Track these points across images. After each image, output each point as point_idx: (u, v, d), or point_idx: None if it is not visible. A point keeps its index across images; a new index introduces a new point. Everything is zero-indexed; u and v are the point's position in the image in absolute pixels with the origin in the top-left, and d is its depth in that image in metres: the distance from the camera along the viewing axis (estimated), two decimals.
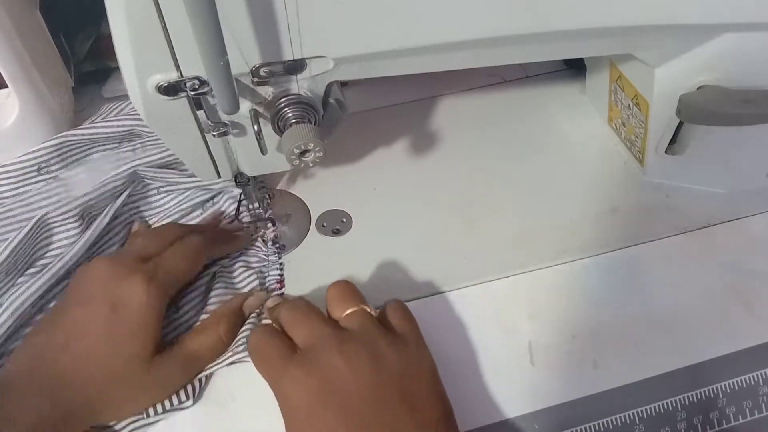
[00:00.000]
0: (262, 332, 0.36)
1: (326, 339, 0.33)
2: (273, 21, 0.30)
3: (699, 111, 0.39)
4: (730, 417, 0.38)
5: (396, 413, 0.31)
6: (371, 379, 0.31)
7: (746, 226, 0.45)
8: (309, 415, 0.31)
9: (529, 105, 0.55)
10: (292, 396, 0.32)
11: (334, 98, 0.37)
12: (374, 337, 0.33)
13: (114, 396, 0.35)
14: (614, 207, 0.47)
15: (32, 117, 0.45)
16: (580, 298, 0.42)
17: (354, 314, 0.35)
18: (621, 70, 0.46)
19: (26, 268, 0.42)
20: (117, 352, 0.34)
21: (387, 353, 0.33)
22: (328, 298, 0.37)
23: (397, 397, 0.31)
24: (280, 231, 0.46)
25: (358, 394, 0.31)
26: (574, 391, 0.38)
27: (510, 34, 0.35)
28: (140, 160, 0.45)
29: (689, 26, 0.36)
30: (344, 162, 0.51)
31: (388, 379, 0.32)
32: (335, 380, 0.31)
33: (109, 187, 0.44)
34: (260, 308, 0.41)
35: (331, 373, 0.31)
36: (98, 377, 0.34)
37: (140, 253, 0.38)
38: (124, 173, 0.44)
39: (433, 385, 0.33)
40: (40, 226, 0.42)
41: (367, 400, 0.31)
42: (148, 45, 0.30)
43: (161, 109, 0.34)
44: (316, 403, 0.31)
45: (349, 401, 0.31)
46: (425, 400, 0.32)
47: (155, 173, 0.46)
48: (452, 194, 0.48)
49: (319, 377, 0.31)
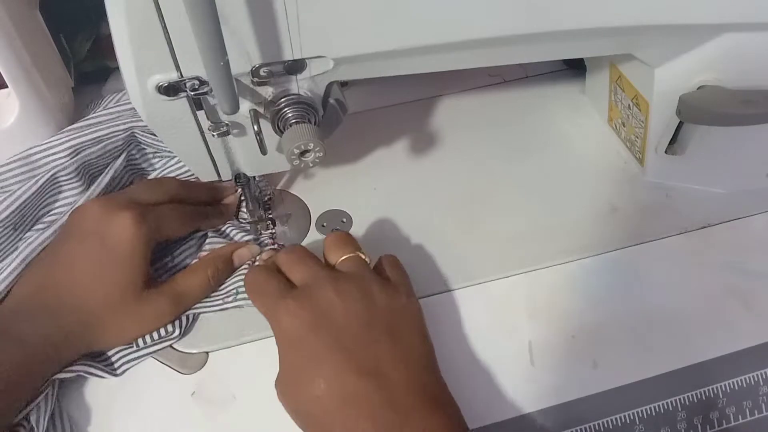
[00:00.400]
0: (259, 270, 0.38)
1: (322, 278, 0.36)
2: (273, 21, 0.30)
3: (699, 111, 0.39)
4: (730, 417, 0.38)
5: (381, 347, 0.33)
6: (362, 315, 0.34)
7: (746, 226, 0.45)
8: (300, 341, 0.34)
9: (529, 105, 0.55)
10: (287, 326, 0.34)
11: (334, 98, 0.37)
12: (367, 279, 0.36)
13: (108, 322, 0.37)
14: (614, 207, 0.47)
15: (32, 117, 0.45)
16: (580, 298, 0.42)
17: (349, 259, 0.38)
18: (621, 70, 0.46)
19: (33, 223, 0.44)
20: (107, 281, 0.37)
21: (378, 295, 0.35)
22: (326, 245, 0.39)
23: (385, 334, 0.34)
24: (281, 231, 0.46)
25: (347, 327, 0.34)
26: (573, 391, 0.38)
27: (510, 34, 0.35)
28: (138, 121, 0.46)
29: (689, 26, 0.36)
30: (344, 162, 0.51)
31: (376, 318, 0.34)
32: (328, 313, 0.34)
33: (109, 148, 0.45)
34: (252, 260, 0.43)
35: (325, 307, 0.34)
36: (92, 304, 0.37)
37: (134, 196, 0.40)
38: (122, 134, 0.46)
39: (418, 327, 0.36)
40: (49, 182, 0.43)
41: (356, 333, 0.34)
42: (148, 45, 0.30)
43: (161, 109, 0.34)
44: (309, 331, 0.34)
45: (339, 332, 0.33)
46: (409, 339, 0.35)
47: (152, 139, 0.47)
48: (452, 194, 0.48)
49: (314, 310, 0.34)
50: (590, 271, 0.43)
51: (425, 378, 0.34)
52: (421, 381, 0.33)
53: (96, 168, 0.46)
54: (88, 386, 0.38)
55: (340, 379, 0.32)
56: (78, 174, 0.44)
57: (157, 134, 0.36)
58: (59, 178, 0.44)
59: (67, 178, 0.44)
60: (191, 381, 0.39)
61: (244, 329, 0.41)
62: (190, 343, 0.40)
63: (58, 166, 0.44)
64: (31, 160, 0.44)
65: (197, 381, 0.39)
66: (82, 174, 0.44)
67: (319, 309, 0.34)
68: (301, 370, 0.34)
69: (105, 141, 0.45)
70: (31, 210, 0.43)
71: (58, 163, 0.44)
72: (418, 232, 0.46)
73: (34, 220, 0.44)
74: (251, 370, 0.39)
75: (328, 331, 0.34)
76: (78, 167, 0.44)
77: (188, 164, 0.41)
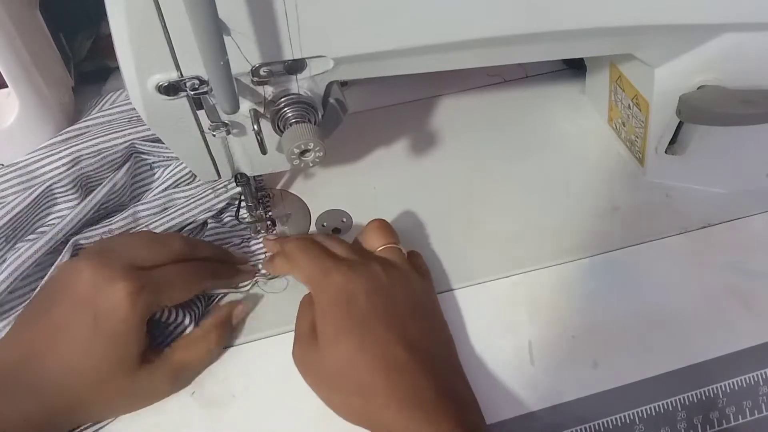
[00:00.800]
0: (306, 238, 0.40)
1: (369, 257, 0.39)
2: (273, 21, 0.30)
3: (699, 111, 0.39)
4: (730, 417, 0.38)
5: (423, 327, 0.36)
6: (406, 296, 0.37)
7: (746, 226, 0.45)
8: (351, 303, 0.35)
9: (529, 105, 0.55)
10: (341, 286, 0.36)
11: (334, 98, 0.37)
12: (407, 269, 0.39)
13: (97, 402, 0.35)
14: (614, 207, 0.47)
15: (32, 117, 0.45)
16: (580, 298, 0.42)
17: (389, 249, 0.40)
18: (621, 70, 0.46)
19: (26, 234, 0.43)
20: (99, 360, 0.34)
21: (416, 284, 0.39)
22: (369, 229, 0.42)
23: (423, 318, 0.37)
24: (280, 231, 0.46)
25: (395, 303, 0.36)
26: (574, 391, 0.38)
27: (510, 34, 0.35)
28: (137, 133, 0.45)
29: (689, 26, 0.36)
30: (344, 162, 0.51)
31: (417, 302, 0.38)
32: (379, 286, 0.36)
33: (108, 159, 0.45)
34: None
35: (376, 279, 0.36)
36: (82, 383, 0.34)
37: (133, 260, 0.36)
38: (121, 146, 0.45)
39: (441, 316, 0.40)
40: (44, 194, 0.43)
41: (403, 310, 0.36)
42: (148, 45, 0.30)
43: (161, 109, 0.34)
44: (363, 295, 0.35)
45: (388, 304, 0.36)
46: (440, 325, 0.39)
47: (151, 147, 0.46)
48: (452, 194, 0.48)
49: (367, 278, 0.36)
50: (590, 271, 0.43)
51: (454, 360, 0.38)
52: (453, 361, 0.37)
53: (93, 180, 0.45)
54: None
55: (390, 345, 0.34)
56: (74, 186, 0.43)
57: (157, 134, 0.36)
58: (54, 190, 0.43)
59: (63, 190, 0.43)
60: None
61: (245, 329, 0.41)
62: None
63: (54, 177, 0.43)
64: (27, 170, 0.44)
65: (197, 381, 0.39)
66: (78, 186, 0.44)
67: (372, 280, 0.36)
68: (347, 328, 0.35)
69: (104, 153, 0.44)
70: (24, 222, 0.43)
71: (55, 174, 0.43)
72: (418, 232, 0.46)
73: (27, 232, 0.43)
74: (251, 370, 0.39)
75: (381, 300, 0.36)
76: (74, 179, 0.43)
77: (188, 164, 0.41)
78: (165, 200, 0.45)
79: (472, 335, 0.40)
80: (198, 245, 0.41)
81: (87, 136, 0.46)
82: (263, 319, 0.41)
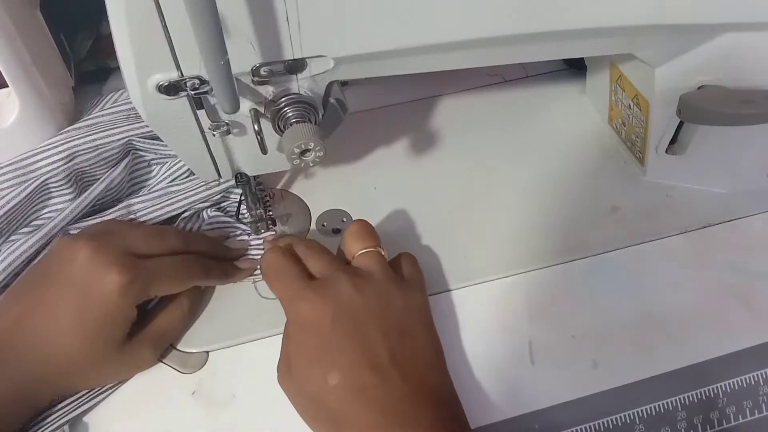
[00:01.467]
0: (279, 254, 0.38)
1: (342, 272, 0.36)
2: (273, 20, 0.30)
3: (699, 111, 0.39)
4: (730, 417, 0.38)
5: (395, 343, 0.34)
6: (378, 312, 0.35)
7: (746, 226, 0.45)
8: (318, 331, 0.34)
9: (529, 105, 0.55)
10: (307, 314, 0.35)
11: (334, 98, 0.37)
12: (384, 277, 0.37)
13: (85, 372, 0.36)
14: (614, 207, 0.47)
15: (32, 117, 0.45)
16: (580, 298, 0.42)
17: (368, 254, 0.38)
18: (621, 70, 0.46)
19: (20, 227, 0.43)
20: (87, 335, 0.35)
21: (394, 293, 0.36)
22: (348, 233, 0.39)
23: (399, 331, 0.35)
24: (281, 230, 0.46)
25: (364, 322, 0.34)
26: (574, 391, 0.38)
27: (510, 34, 0.35)
28: (134, 130, 0.45)
29: (689, 26, 0.36)
30: (344, 162, 0.51)
31: (392, 315, 0.35)
32: (347, 307, 0.35)
33: (104, 156, 0.44)
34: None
35: (344, 301, 0.35)
36: (69, 355, 0.35)
37: (130, 247, 0.37)
38: (118, 143, 0.45)
39: (429, 327, 0.37)
40: (39, 189, 0.43)
41: (372, 329, 0.34)
42: (148, 44, 0.30)
43: (161, 109, 0.34)
44: (328, 323, 0.34)
45: (356, 326, 0.34)
46: (421, 337, 0.36)
47: (149, 144, 0.46)
48: (452, 194, 0.48)
49: (334, 303, 0.35)
50: (590, 271, 0.43)
51: (434, 375, 0.35)
52: (430, 378, 0.35)
53: (89, 176, 0.45)
54: None
55: (355, 371, 0.33)
56: (69, 181, 0.43)
57: (158, 133, 0.36)
58: (50, 184, 0.43)
59: (58, 185, 0.43)
60: (191, 380, 0.39)
61: (245, 329, 0.41)
62: (191, 343, 0.40)
63: (49, 172, 0.43)
64: (23, 164, 0.43)
65: (197, 380, 0.39)
66: (73, 181, 0.44)
67: (339, 302, 0.35)
68: (314, 358, 0.34)
69: (101, 149, 0.44)
70: (18, 216, 0.43)
71: (51, 168, 0.43)
72: (418, 232, 0.46)
73: (21, 226, 0.43)
74: (251, 369, 0.39)
75: (346, 324, 0.34)
76: (70, 174, 0.43)
77: (188, 164, 0.41)
78: (160, 194, 0.45)
79: (472, 335, 0.40)
80: (193, 239, 0.42)
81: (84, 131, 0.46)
82: (263, 319, 0.41)
